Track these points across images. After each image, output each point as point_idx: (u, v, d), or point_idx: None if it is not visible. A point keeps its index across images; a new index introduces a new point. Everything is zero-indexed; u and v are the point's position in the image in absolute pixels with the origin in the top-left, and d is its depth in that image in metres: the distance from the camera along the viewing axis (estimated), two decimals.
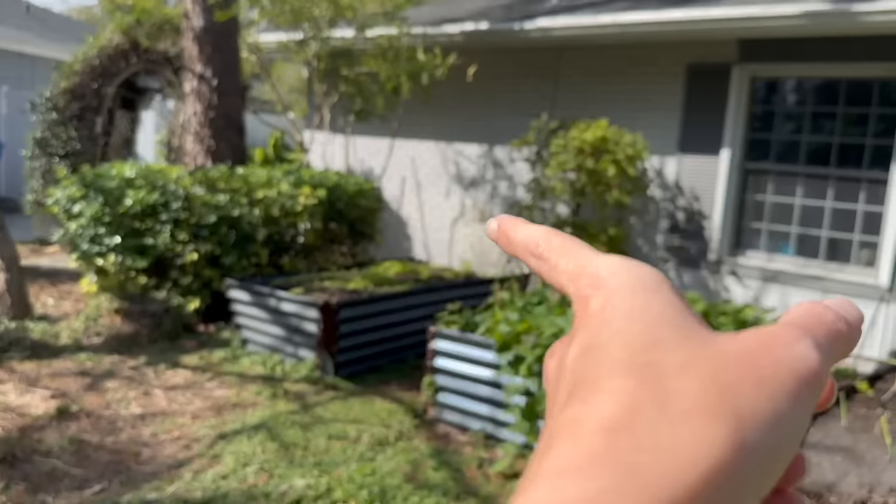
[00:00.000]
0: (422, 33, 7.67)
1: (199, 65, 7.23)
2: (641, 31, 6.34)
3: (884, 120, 5.82)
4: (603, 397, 0.26)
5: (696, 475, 0.24)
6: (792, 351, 0.27)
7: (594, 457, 0.24)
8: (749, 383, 0.26)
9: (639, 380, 0.26)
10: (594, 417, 0.25)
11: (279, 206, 6.30)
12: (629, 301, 0.29)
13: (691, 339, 0.28)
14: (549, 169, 6.61)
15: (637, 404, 0.25)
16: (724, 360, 0.27)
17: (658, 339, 0.27)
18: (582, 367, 0.28)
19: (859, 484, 3.17)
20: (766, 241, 6.46)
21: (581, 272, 0.32)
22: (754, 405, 0.25)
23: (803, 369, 0.27)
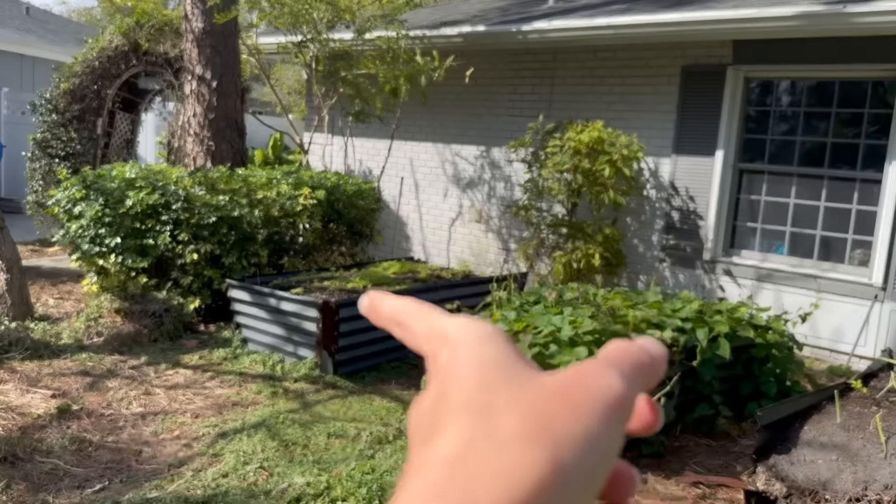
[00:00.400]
0: (420, 36, 7.72)
1: (198, 67, 7.28)
2: (636, 33, 6.39)
3: (877, 120, 5.87)
4: (444, 436, 0.30)
5: (521, 494, 0.27)
6: (599, 381, 0.31)
7: (436, 487, 0.28)
8: (564, 411, 0.30)
9: (472, 417, 0.30)
10: (437, 454, 0.30)
11: (279, 207, 6.35)
12: (467, 353, 0.33)
13: (517, 380, 0.32)
14: (545, 170, 6.66)
15: (470, 438, 0.29)
16: (542, 394, 0.31)
17: (489, 382, 0.32)
18: (432, 414, 0.32)
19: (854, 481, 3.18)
20: (760, 240, 6.51)
21: (432, 333, 0.36)
22: (568, 429, 0.29)
23: (609, 396, 0.31)
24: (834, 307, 5.92)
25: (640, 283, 6.98)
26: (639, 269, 7.06)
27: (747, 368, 4.65)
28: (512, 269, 7.78)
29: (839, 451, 3.38)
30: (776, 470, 3.26)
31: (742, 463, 3.97)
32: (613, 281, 6.75)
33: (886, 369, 4.40)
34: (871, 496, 3.11)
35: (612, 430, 0.30)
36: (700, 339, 4.16)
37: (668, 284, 6.85)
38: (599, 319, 3.95)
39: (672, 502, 3.54)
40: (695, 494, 3.64)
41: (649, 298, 4.57)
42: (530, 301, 4.56)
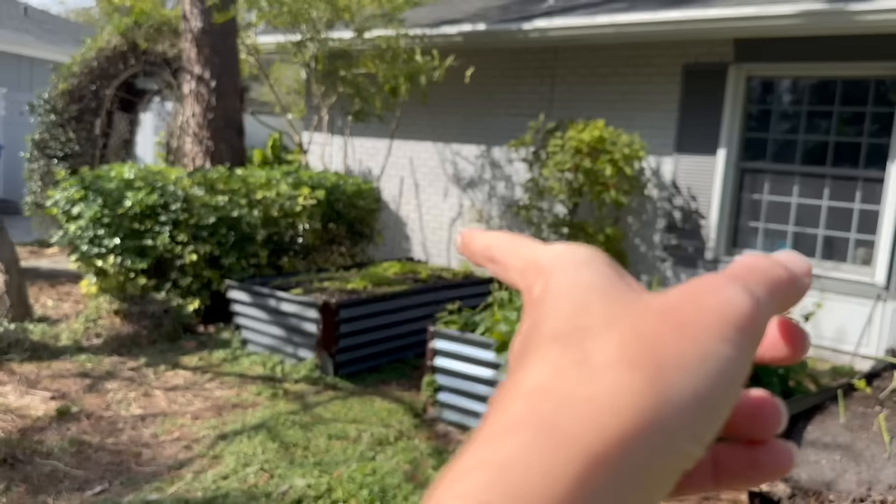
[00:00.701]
0: (420, 35, 7.69)
1: (197, 66, 7.25)
2: (638, 31, 6.37)
3: (879, 119, 5.85)
4: (529, 368, 0.27)
5: (617, 425, 0.24)
6: (718, 296, 0.27)
7: (516, 419, 0.25)
8: (672, 332, 0.26)
9: (562, 345, 0.27)
10: (523, 386, 0.26)
11: (278, 207, 6.32)
12: (562, 279, 0.30)
13: (618, 302, 0.28)
14: (546, 169, 6.63)
15: (558, 366, 0.26)
16: (648, 314, 0.27)
17: (585, 305, 0.28)
18: (523, 346, 0.29)
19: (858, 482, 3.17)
20: (762, 239, 6.49)
21: (527, 266, 0.33)
22: (677, 352, 0.25)
23: (731, 312, 0.26)
24: (837, 307, 5.89)
25: (642, 283, 6.95)
26: (640, 269, 7.04)
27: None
28: None
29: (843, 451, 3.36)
30: None
31: None
32: None
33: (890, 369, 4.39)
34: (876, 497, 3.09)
35: (734, 354, 0.26)
36: None
37: (670, 284, 6.82)
38: None
39: (675, 502, 3.52)
40: (697, 496, 3.61)
41: None
42: None
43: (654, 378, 0.25)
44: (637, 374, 0.25)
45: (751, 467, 0.31)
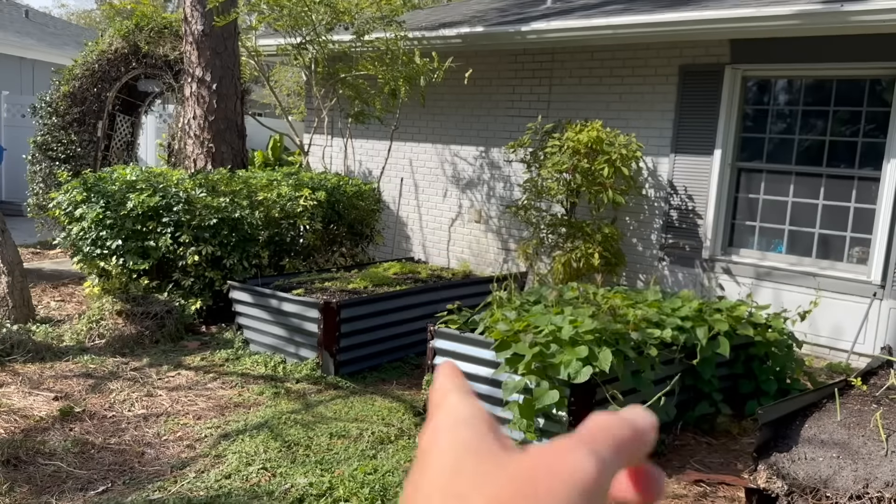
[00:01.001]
0: (419, 37, 7.74)
1: (198, 69, 7.30)
2: (634, 33, 6.41)
3: (875, 118, 5.89)
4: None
5: None
6: (567, 463, 0.31)
7: None
8: (523, 499, 0.30)
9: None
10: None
11: (279, 208, 6.37)
12: (443, 436, 0.35)
13: (487, 463, 0.32)
14: (544, 170, 6.68)
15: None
16: (507, 483, 0.31)
17: (458, 468, 0.32)
18: (411, 498, 0.33)
19: (854, 479, 3.19)
20: (759, 239, 6.53)
21: (429, 415, 0.38)
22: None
23: (577, 479, 0.30)
24: (833, 305, 5.94)
25: (639, 282, 7.00)
26: (638, 268, 7.08)
27: (747, 366, 4.67)
28: (512, 269, 7.80)
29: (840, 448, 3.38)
30: (777, 468, 3.27)
31: (743, 461, 3.99)
32: (613, 280, 6.77)
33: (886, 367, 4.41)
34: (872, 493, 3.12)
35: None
36: (700, 338, 4.18)
37: (668, 283, 6.87)
38: (600, 319, 3.96)
39: (673, 500, 3.56)
40: (696, 492, 3.65)
41: (649, 297, 4.59)
42: (530, 301, 4.58)
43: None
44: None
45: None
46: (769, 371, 4.64)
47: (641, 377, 3.90)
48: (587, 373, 3.60)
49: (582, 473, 0.31)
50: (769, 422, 3.38)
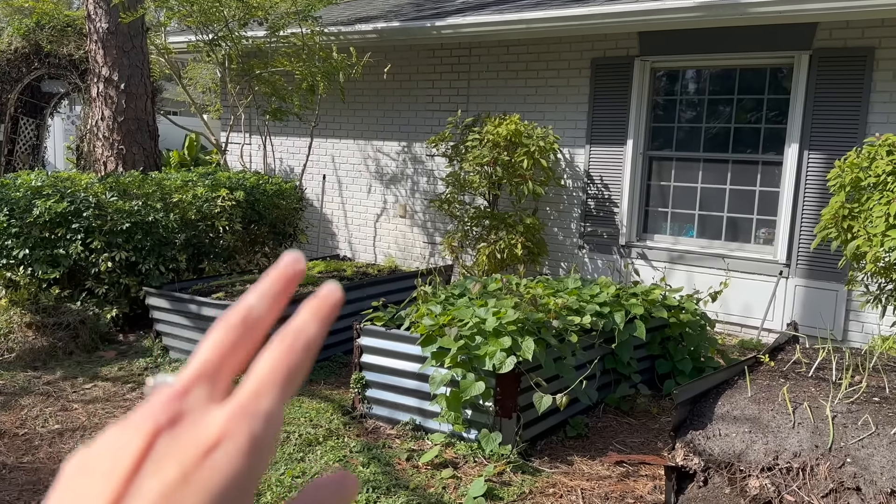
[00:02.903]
0: (335, 32, 7.67)
1: (105, 68, 7.03)
2: (547, 27, 6.53)
3: (776, 105, 6.18)
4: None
5: None
6: (217, 463, 0.31)
7: None
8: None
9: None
10: None
11: (196, 210, 6.21)
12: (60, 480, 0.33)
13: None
14: (466, 163, 6.74)
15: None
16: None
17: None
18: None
19: (766, 451, 3.32)
20: (671, 224, 6.78)
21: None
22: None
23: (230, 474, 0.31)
24: (743, 285, 6.22)
25: (561, 270, 7.16)
26: (560, 257, 7.24)
27: (663, 347, 4.85)
28: (438, 263, 7.85)
29: (751, 423, 3.54)
30: (693, 445, 3.40)
31: (662, 439, 4.14)
32: (536, 269, 6.90)
33: (792, 342, 4.64)
34: (782, 464, 3.28)
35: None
36: (617, 322, 4.31)
37: (588, 270, 7.05)
38: (522, 309, 4.04)
39: (597, 482, 3.67)
40: (619, 473, 3.77)
41: (569, 285, 4.70)
42: (455, 294, 4.62)
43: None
44: None
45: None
46: (684, 351, 4.83)
47: (563, 363, 4.00)
48: (511, 363, 3.66)
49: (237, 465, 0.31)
50: (685, 401, 3.51)
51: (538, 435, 4.04)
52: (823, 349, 4.03)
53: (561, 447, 4.04)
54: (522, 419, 3.85)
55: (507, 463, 3.73)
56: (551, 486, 3.60)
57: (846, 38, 5.72)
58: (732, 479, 3.27)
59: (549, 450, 4.00)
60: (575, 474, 3.73)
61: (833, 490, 3.06)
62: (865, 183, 4.31)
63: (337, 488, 0.35)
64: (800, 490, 3.12)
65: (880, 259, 4.22)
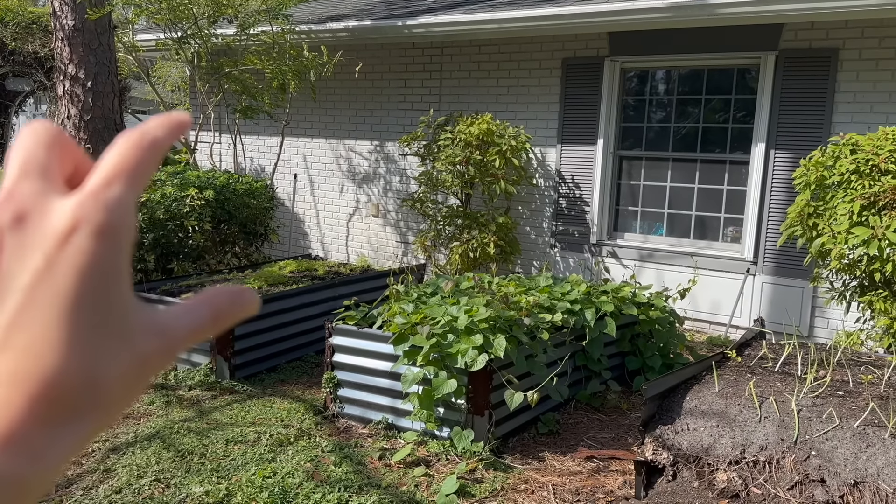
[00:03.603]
0: (306, 31, 7.63)
1: (71, 66, 6.91)
2: (518, 27, 6.56)
3: (744, 105, 6.28)
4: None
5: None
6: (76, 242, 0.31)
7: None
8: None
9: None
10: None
11: (164, 209, 6.14)
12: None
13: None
14: (438, 162, 6.75)
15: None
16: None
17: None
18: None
19: (733, 445, 3.37)
20: (641, 223, 6.84)
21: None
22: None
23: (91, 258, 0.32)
24: (711, 282, 6.30)
25: (533, 269, 7.20)
26: (532, 256, 7.27)
27: (633, 344, 4.90)
28: (411, 262, 7.85)
29: (718, 417, 3.58)
30: (662, 439, 3.44)
31: (632, 435, 4.18)
32: (508, 268, 6.93)
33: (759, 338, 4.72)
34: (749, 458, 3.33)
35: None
36: (588, 320, 4.35)
37: (560, 268, 7.09)
38: (494, 306, 4.05)
39: (568, 478, 3.69)
40: (589, 468, 3.80)
41: (541, 283, 4.73)
42: (428, 293, 4.62)
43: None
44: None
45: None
46: (654, 347, 4.88)
47: (535, 361, 4.02)
48: (483, 360, 3.67)
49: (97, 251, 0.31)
50: (653, 396, 3.55)
51: (510, 432, 4.05)
52: (789, 345, 4.11)
53: (533, 444, 4.06)
54: (494, 416, 3.87)
55: (479, 460, 3.74)
56: (523, 483, 3.61)
57: (811, 40, 5.83)
58: (701, 472, 3.31)
59: (521, 446, 4.01)
60: (546, 470, 3.75)
61: (798, 482, 3.11)
62: (830, 181, 4.39)
63: (232, 297, 0.36)
64: (766, 483, 3.17)
65: (844, 256, 4.30)
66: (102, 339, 0.31)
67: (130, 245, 0.33)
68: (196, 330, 0.35)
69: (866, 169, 4.18)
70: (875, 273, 4.17)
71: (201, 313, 0.35)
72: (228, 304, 0.36)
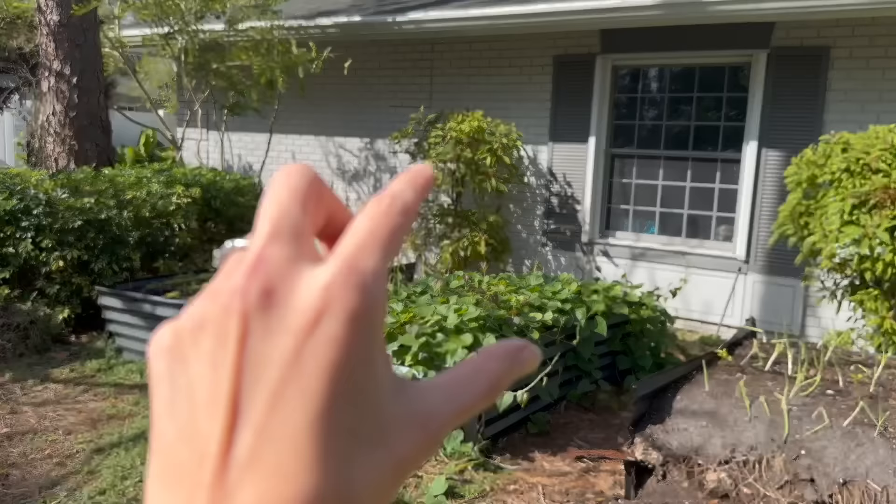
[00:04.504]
0: (295, 26, 7.56)
1: (56, 62, 6.83)
2: (510, 24, 6.52)
3: (736, 103, 6.26)
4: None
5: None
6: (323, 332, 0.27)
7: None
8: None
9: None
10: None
11: (150, 207, 6.07)
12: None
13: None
14: (429, 160, 6.70)
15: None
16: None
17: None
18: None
19: (723, 445, 3.35)
20: (633, 221, 6.82)
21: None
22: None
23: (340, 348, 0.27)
24: (702, 281, 6.28)
25: (525, 268, 7.16)
26: (523, 254, 7.24)
27: (624, 343, 4.87)
28: (402, 260, 7.79)
29: (709, 417, 3.56)
30: (652, 439, 3.41)
31: (623, 434, 4.15)
32: (499, 267, 6.89)
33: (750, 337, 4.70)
34: (739, 457, 3.31)
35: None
36: (579, 319, 4.31)
37: (551, 267, 7.06)
38: (484, 306, 4.02)
39: (558, 478, 3.66)
40: (579, 468, 3.77)
41: (531, 282, 4.69)
42: (417, 292, 4.58)
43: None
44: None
45: None
46: (645, 347, 4.85)
47: None
48: None
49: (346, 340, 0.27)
50: (644, 395, 3.52)
51: (500, 432, 4.01)
52: (780, 344, 4.08)
53: (522, 444, 4.03)
54: (484, 417, 3.83)
55: (468, 461, 3.70)
56: (512, 483, 3.58)
57: (803, 38, 5.81)
58: (691, 472, 3.28)
59: (511, 447, 3.98)
60: (536, 471, 3.72)
61: (788, 482, 3.09)
62: (821, 180, 4.37)
63: (510, 360, 0.31)
64: (756, 482, 3.14)
65: (835, 255, 4.28)
66: (357, 446, 0.27)
67: (383, 323, 0.29)
68: (467, 411, 0.30)
69: (857, 168, 4.17)
70: (866, 272, 4.16)
71: (475, 389, 0.30)
72: (507, 372, 0.31)
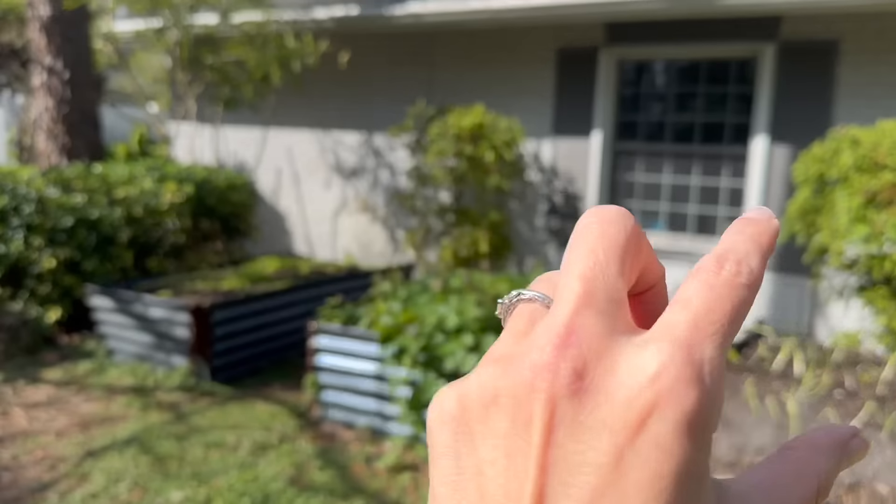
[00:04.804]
0: (291, 19, 7.43)
1: (47, 57, 6.70)
2: (512, 16, 6.39)
3: (742, 98, 6.14)
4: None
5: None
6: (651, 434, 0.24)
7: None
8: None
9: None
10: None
11: (142, 205, 5.94)
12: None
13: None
14: (428, 156, 6.57)
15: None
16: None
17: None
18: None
19: (730, 446, 3.30)
20: (638, 218, 6.69)
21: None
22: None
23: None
24: None
25: (527, 266, 7.04)
26: (525, 252, 7.12)
27: None
28: (401, 259, 7.67)
29: None
30: None
31: None
32: (501, 265, 6.77)
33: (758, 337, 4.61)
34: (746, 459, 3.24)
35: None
36: None
37: (554, 266, 6.94)
38: (485, 306, 3.90)
39: None
40: None
41: None
42: (416, 291, 4.46)
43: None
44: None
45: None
46: None
47: None
48: (473, 362, 3.53)
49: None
50: None
51: None
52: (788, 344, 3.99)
53: None
54: None
55: None
56: None
57: (811, 31, 5.69)
58: None
59: None
60: None
61: None
62: (830, 177, 4.26)
63: (839, 453, 0.27)
64: None
65: (844, 253, 4.17)
66: None
67: (717, 427, 0.24)
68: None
69: (866, 164, 4.05)
70: (874, 270, 4.05)
71: (802, 493, 0.26)
72: (836, 468, 0.27)
